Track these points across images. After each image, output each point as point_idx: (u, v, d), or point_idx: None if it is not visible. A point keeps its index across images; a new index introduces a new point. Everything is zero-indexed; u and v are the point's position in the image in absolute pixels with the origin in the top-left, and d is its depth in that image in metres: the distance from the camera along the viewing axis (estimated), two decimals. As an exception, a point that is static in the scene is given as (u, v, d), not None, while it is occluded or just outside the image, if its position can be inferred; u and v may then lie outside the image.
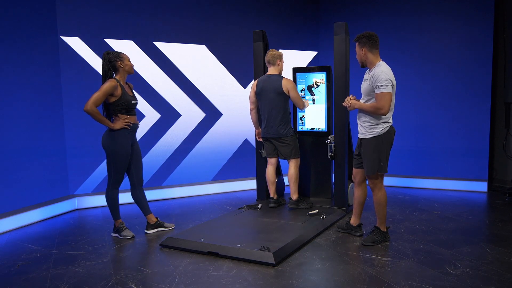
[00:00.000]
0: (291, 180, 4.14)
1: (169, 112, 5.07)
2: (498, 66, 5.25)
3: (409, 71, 5.36)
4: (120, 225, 3.60)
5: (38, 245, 3.45)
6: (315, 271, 2.79)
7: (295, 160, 4.16)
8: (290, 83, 4.03)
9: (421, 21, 5.31)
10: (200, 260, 3.02)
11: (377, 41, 3.15)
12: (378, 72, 3.04)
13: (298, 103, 4.07)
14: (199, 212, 4.46)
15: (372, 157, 3.14)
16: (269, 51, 4.12)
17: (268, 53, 4.11)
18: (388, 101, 3.01)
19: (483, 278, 2.61)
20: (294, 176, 4.14)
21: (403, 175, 5.54)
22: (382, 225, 3.31)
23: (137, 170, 3.60)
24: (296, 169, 4.16)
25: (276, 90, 4.01)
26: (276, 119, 4.06)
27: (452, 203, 4.60)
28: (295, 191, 4.15)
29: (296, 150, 4.16)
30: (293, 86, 4.03)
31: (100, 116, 3.28)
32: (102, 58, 3.40)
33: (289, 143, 4.10)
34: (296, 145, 4.17)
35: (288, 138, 4.10)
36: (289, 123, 4.12)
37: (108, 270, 2.86)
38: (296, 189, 4.16)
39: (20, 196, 4.05)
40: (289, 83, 4.02)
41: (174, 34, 5.02)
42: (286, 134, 4.09)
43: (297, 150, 4.18)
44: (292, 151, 4.13)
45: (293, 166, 4.15)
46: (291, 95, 4.03)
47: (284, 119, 4.08)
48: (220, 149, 5.42)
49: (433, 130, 5.34)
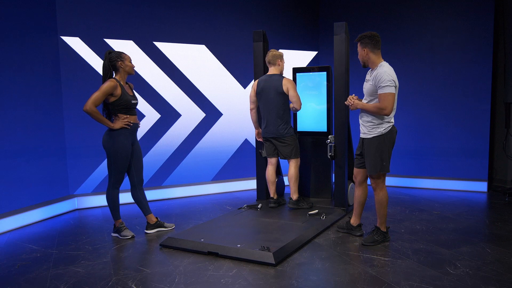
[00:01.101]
0: (291, 180, 4.14)
1: (169, 112, 5.06)
2: (498, 66, 5.25)
3: (409, 71, 5.36)
4: (120, 225, 3.60)
5: (38, 245, 3.45)
6: (315, 271, 2.78)
7: (295, 160, 4.16)
8: (290, 82, 4.04)
9: (421, 21, 5.31)
10: (200, 260, 3.01)
11: (379, 41, 3.14)
12: (381, 73, 3.03)
13: (296, 103, 4.05)
14: (199, 212, 4.46)
15: (374, 157, 3.14)
16: (270, 51, 4.13)
17: (269, 53, 4.11)
18: (391, 101, 3.01)
19: (483, 278, 2.61)
20: (294, 176, 4.14)
21: (404, 175, 5.54)
22: (382, 225, 3.31)
23: (137, 170, 3.60)
24: (296, 169, 4.16)
25: (276, 90, 4.02)
26: (276, 119, 4.07)
27: (452, 203, 4.60)
28: (295, 191, 4.15)
29: (296, 150, 4.16)
30: (293, 85, 4.04)
31: (100, 116, 3.28)
32: (104, 57, 3.40)
33: (289, 143, 4.11)
34: (296, 145, 4.17)
35: (288, 138, 4.10)
36: (289, 123, 4.13)
37: (108, 270, 2.86)
38: (296, 189, 4.16)
39: (20, 196, 4.04)
40: (289, 82, 4.04)
41: (174, 34, 5.02)
42: (286, 134, 4.09)
43: (297, 150, 4.18)
44: (293, 151, 4.13)
45: (293, 166, 4.15)
46: (290, 94, 4.02)
47: (284, 119, 4.08)
48: (220, 149, 5.42)
49: (433, 130, 5.34)
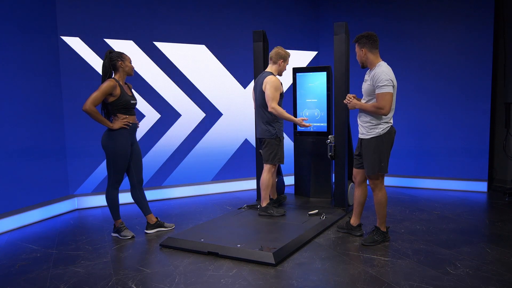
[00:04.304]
0: (261, 186, 3.92)
1: (169, 112, 5.06)
2: (498, 66, 5.25)
3: (409, 71, 5.36)
4: (120, 225, 3.60)
5: (38, 245, 3.45)
6: (315, 271, 2.78)
7: (269, 166, 3.88)
8: (271, 81, 3.71)
9: (421, 21, 5.31)
10: (200, 260, 3.02)
11: (377, 41, 3.14)
12: (378, 72, 3.04)
13: (268, 101, 3.71)
14: (199, 212, 4.46)
15: (372, 157, 3.14)
16: (276, 47, 3.88)
17: (274, 49, 3.88)
18: (389, 101, 3.01)
19: (483, 278, 2.61)
20: (265, 182, 3.88)
21: (403, 175, 5.54)
22: (382, 225, 3.31)
23: (137, 170, 3.59)
24: (268, 175, 3.87)
25: (260, 88, 3.83)
26: (260, 118, 3.89)
27: (452, 203, 4.60)
28: (264, 198, 3.93)
29: (274, 156, 3.85)
30: (272, 84, 3.69)
31: (99, 116, 3.28)
32: (104, 56, 3.40)
33: (268, 146, 3.85)
34: (276, 150, 3.85)
35: (269, 141, 3.84)
36: (272, 125, 3.83)
37: (108, 270, 2.86)
38: (267, 196, 3.93)
39: (20, 196, 4.04)
40: (270, 81, 3.71)
41: (174, 34, 5.02)
42: (267, 136, 3.84)
43: (276, 156, 3.86)
44: (270, 155, 3.84)
45: (266, 172, 3.88)
46: (266, 92, 3.71)
47: (265, 119, 3.84)
48: (220, 149, 5.42)
49: (433, 130, 5.34)
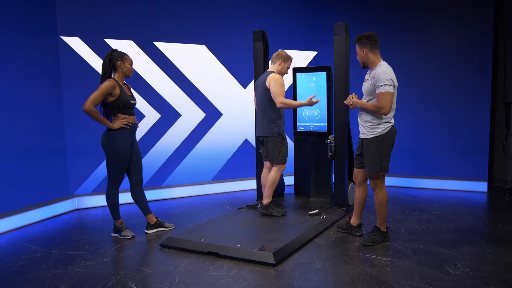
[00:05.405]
0: (267, 183, 3.89)
1: (169, 112, 5.06)
2: (498, 66, 5.25)
3: (409, 71, 5.36)
4: (120, 225, 3.60)
5: (38, 245, 3.45)
6: (315, 271, 2.78)
7: (279, 166, 3.89)
8: (275, 78, 3.76)
9: (421, 21, 5.31)
10: (200, 260, 3.01)
11: (377, 41, 3.15)
12: (379, 72, 3.04)
13: (275, 98, 3.74)
14: (199, 212, 4.46)
15: (373, 157, 3.14)
16: (279, 50, 3.97)
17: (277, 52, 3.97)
18: (390, 100, 3.01)
19: (483, 278, 2.61)
20: (272, 180, 3.87)
21: (404, 175, 5.54)
22: (382, 225, 3.31)
23: (136, 170, 3.59)
24: (277, 174, 3.88)
25: (263, 85, 3.85)
26: (261, 116, 3.90)
27: (452, 203, 4.60)
28: (267, 196, 3.91)
29: (282, 155, 3.86)
30: (276, 81, 3.74)
31: (99, 116, 3.28)
32: (106, 54, 3.39)
33: (273, 145, 3.85)
34: (281, 149, 3.86)
35: (272, 139, 3.85)
36: (275, 123, 3.84)
37: (108, 270, 2.86)
38: (270, 195, 3.91)
39: (20, 196, 4.04)
40: (274, 78, 3.76)
41: (174, 34, 5.02)
42: (269, 134, 3.84)
43: (280, 154, 3.86)
44: (279, 154, 3.85)
45: (275, 171, 3.88)
46: (271, 89, 3.75)
47: (268, 116, 3.84)
48: (220, 149, 5.42)
49: (433, 130, 5.34)
